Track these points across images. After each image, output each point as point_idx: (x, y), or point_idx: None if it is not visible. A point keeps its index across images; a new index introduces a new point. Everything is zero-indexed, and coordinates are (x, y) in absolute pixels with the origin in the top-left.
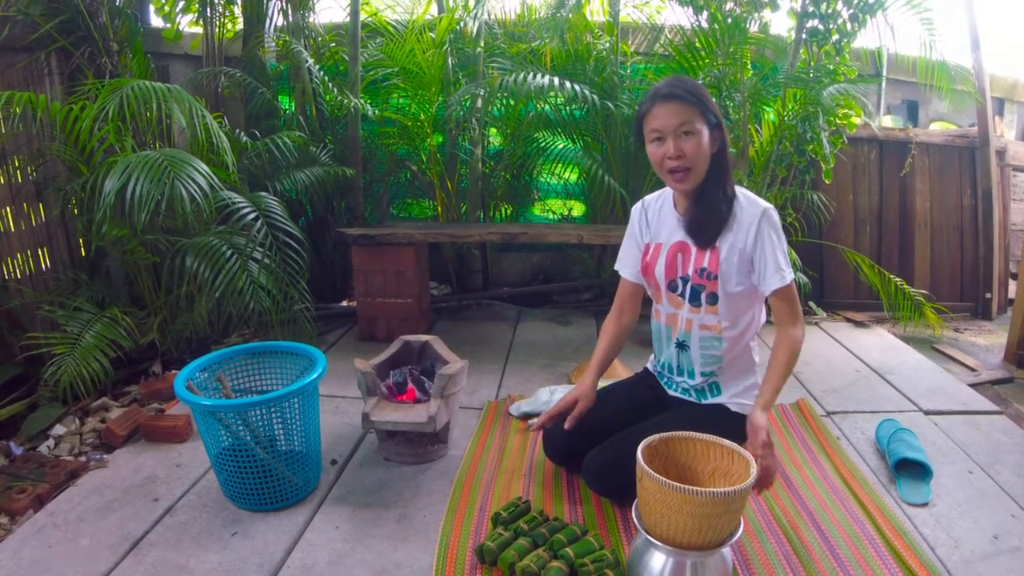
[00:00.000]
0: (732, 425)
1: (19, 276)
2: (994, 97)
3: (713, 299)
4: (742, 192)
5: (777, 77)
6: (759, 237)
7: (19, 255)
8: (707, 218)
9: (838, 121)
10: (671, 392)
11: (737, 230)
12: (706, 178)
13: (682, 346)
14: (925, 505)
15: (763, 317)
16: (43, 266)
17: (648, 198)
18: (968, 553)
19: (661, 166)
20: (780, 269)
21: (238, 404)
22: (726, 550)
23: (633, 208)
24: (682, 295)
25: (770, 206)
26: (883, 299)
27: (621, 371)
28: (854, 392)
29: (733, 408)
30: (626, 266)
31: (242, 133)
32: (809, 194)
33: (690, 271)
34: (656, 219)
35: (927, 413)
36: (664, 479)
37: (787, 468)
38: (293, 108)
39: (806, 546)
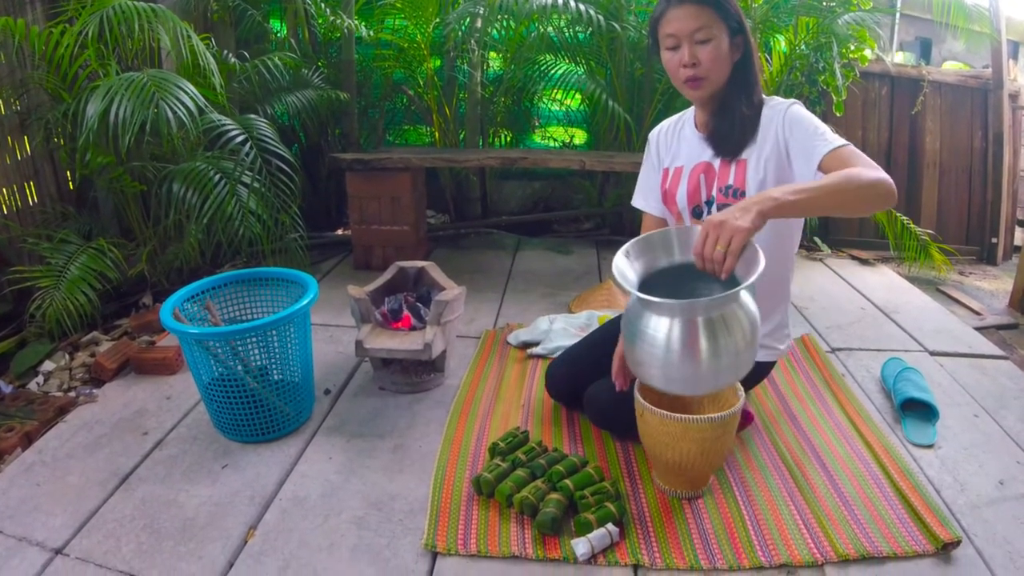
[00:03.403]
0: (752, 372)
1: (5, 211)
2: (1009, 41)
3: None
4: (770, 100)
5: (789, 4)
6: (789, 125)
7: (4, 190)
8: (729, 128)
9: (850, 55)
10: None
11: (764, 141)
12: (727, 87)
13: None
14: (931, 447)
15: (796, 241)
16: (30, 201)
17: (666, 122)
18: (974, 497)
19: (676, 75)
20: (823, 135)
21: (226, 332)
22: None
23: (649, 135)
24: None
25: (796, 101)
26: (889, 237)
27: (623, 301)
28: (859, 330)
29: (760, 356)
30: (646, 198)
31: (231, 55)
32: None
33: (714, 192)
34: (675, 141)
35: (932, 354)
36: (665, 412)
37: (791, 404)
38: (285, 31)
39: (810, 484)
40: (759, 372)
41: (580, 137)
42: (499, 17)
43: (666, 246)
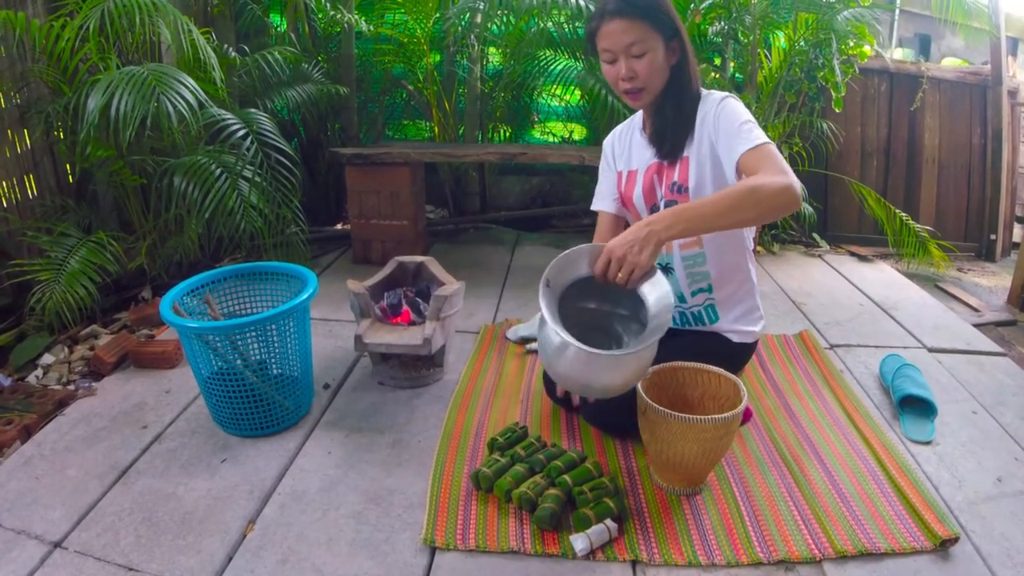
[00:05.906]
0: (730, 354)
1: (5, 204)
2: (1009, 37)
3: None
4: (707, 95)
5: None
6: (716, 125)
7: (4, 183)
8: (665, 126)
9: (850, 51)
10: None
11: (700, 139)
12: (665, 90)
13: (666, 270)
14: (929, 443)
15: (750, 229)
16: (29, 194)
17: (618, 128)
18: (972, 494)
19: (616, 86)
20: (743, 134)
21: (225, 326)
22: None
23: (604, 142)
24: None
25: (729, 95)
26: (888, 233)
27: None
28: (858, 326)
29: (735, 339)
30: (604, 197)
31: (231, 49)
32: (818, 122)
33: (664, 189)
34: (628, 146)
35: (931, 350)
36: (668, 411)
37: (790, 400)
38: (285, 25)
39: (808, 479)
40: (741, 355)
41: (579, 132)
42: (499, 12)
43: (578, 262)
